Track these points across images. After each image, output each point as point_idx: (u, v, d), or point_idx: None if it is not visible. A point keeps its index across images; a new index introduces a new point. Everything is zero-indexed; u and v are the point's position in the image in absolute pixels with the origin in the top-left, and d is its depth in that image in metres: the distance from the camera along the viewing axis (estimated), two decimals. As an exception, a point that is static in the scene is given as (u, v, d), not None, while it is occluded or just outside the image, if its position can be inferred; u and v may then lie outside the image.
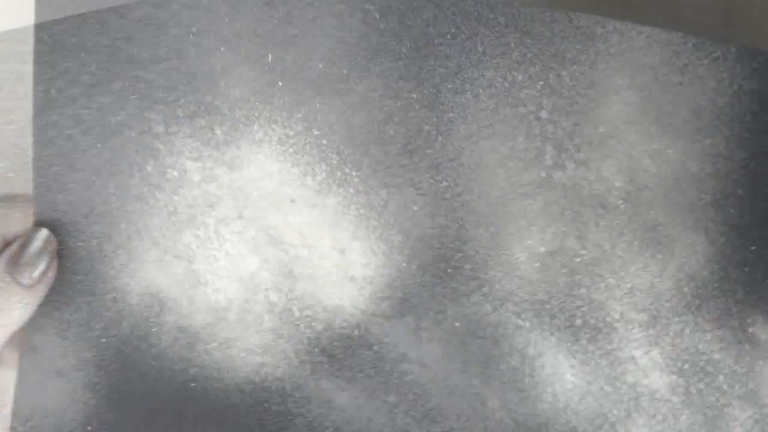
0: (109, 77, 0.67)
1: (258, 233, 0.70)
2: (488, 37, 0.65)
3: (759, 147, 0.65)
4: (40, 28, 0.67)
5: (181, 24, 0.67)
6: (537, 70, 0.64)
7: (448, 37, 0.65)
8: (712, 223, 0.66)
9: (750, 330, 0.68)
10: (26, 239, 0.68)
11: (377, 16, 0.65)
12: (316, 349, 0.72)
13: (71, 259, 0.71)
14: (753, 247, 0.66)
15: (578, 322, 0.69)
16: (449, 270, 0.69)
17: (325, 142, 0.68)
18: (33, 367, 0.73)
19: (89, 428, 0.74)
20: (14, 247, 0.68)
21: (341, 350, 0.72)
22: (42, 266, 0.68)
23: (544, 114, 0.65)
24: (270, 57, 0.66)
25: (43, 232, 0.68)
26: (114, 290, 0.71)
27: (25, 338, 0.74)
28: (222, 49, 0.66)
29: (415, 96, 0.66)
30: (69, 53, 0.67)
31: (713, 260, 0.67)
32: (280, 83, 0.66)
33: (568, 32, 0.64)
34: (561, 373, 0.71)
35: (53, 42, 0.67)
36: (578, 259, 0.67)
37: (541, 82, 0.64)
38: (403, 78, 0.66)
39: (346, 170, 0.69)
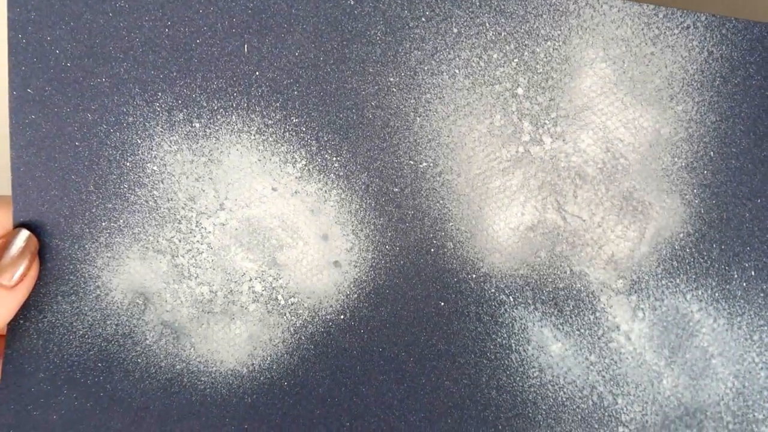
0: (85, 74, 0.67)
1: (240, 224, 0.71)
2: (463, 18, 0.66)
3: (729, 109, 0.67)
4: (13, 25, 0.66)
5: (155, 17, 0.67)
6: (512, 48, 0.65)
7: (423, 19, 0.66)
8: (687, 185, 0.68)
9: (726, 287, 0.70)
10: (6, 240, 0.67)
11: (351, 2, 0.66)
12: (303, 338, 0.72)
13: (53, 260, 0.70)
14: (726, 206, 0.68)
15: (561, 294, 0.70)
16: (432, 249, 0.70)
17: (304, 129, 0.68)
18: (17, 370, 0.72)
19: (76, 429, 0.73)
20: None
21: (328, 338, 0.72)
22: (23, 267, 0.67)
23: (520, 91, 0.66)
24: (246, 47, 0.66)
25: (24, 233, 0.68)
26: (97, 289, 0.70)
27: (8, 342, 0.73)
28: (198, 41, 0.66)
29: (392, 79, 0.67)
30: (44, 50, 0.67)
31: (689, 222, 0.69)
32: (257, 73, 0.67)
33: (541, 9, 0.65)
34: (546, 347, 0.72)
35: (28, 40, 0.66)
36: (558, 232, 0.69)
37: (516, 60, 0.66)
38: (379, 62, 0.67)
39: (326, 156, 0.69)
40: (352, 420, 0.71)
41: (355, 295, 0.70)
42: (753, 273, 0.68)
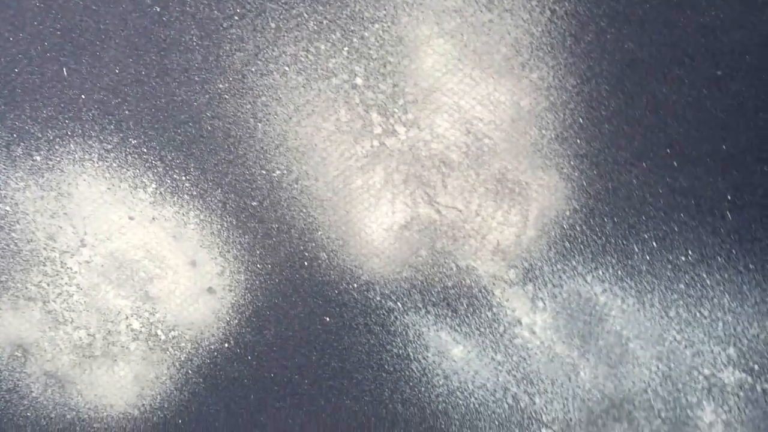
0: None
1: (105, 260, 0.66)
2: (277, 11, 0.61)
3: (588, 70, 0.60)
4: None
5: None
6: (338, 36, 0.60)
7: (236, 18, 0.61)
8: (562, 158, 0.62)
9: (628, 263, 0.63)
10: None
11: (158, 9, 0.61)
12: (190, 371, 0.67)
13: None
14: (610, 175, 0.61)
15: (452, 293, 0.65)
16: (305, 263, 0.65)
17: (145, 150, 0.64)
18: None
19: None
20: None
21: (215, 368, 0.68)
22: None
23: (359, 81, 0.61)
24: (65, 70, 0.62)
25: None
26: (-28, 347, 0.67)
27: None
28: (16, 70, 0.62)
29: (221, 86, 0.62)
30: None
31: (573, 197, 0.62)
32: (83, 96, 0.63)
33: (359, -12, 0.59)
34: (447, 351, 0.66)
35: None
36: (435, 226, 0.63)
37: (346, 48, 0.60)
38: (203, 69, 0.62)
39: (175, 176, 0.65)
40: (254, 452, 0.66)
41: (236, 321, 0.65)
42: (655, 244, 0.62)
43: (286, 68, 0.62)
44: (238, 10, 0.61)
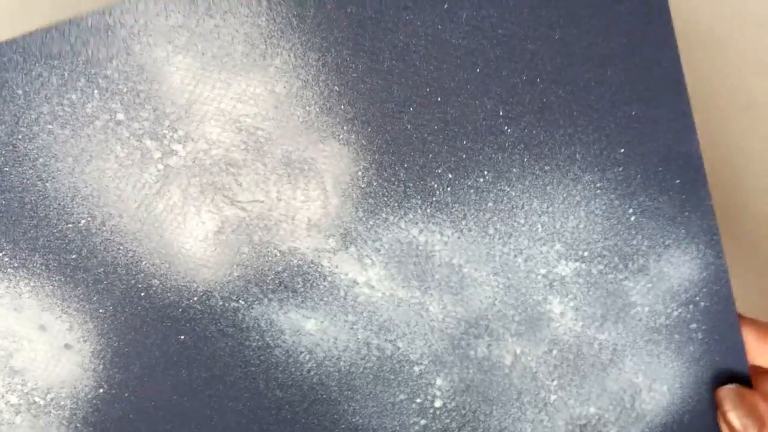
0: None
1: (-40, 350, 0.68)
2: (18, 78, 0.62)
3: (324, 41, 0.63)
4: None
5: None
6: (84, 82, 0.62)
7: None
8: (333, 126, 0.64)
9: (433, 200, 0.66)
10: None
11: None
12: (78, 424, 0.70)
13: None
14: (383, 128, 0.64)
15: (285, 276, 0.67)
16: (142, 293, 0.67)
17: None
18: None
19: None
20: None
21: (99, 414, 0.70)
22: None
23: (120, 116, 0.62)
24: None
25: None
26: None
27: None
28: None
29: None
30: None
31: (359, 158, 0.65)
32: None
33: (85, 36, 0.61)
34: (302, 328, 0.70)
35: None
36: (246, 223, 0.65)
37: (96, 91, 0.62)
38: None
39: (6, 259, 0.66)
40: (159, 479, 0.69)
41: (101, 366, 0.68)
42: (450, 175, 0.65)
43: (50, 126, 0.63)
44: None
